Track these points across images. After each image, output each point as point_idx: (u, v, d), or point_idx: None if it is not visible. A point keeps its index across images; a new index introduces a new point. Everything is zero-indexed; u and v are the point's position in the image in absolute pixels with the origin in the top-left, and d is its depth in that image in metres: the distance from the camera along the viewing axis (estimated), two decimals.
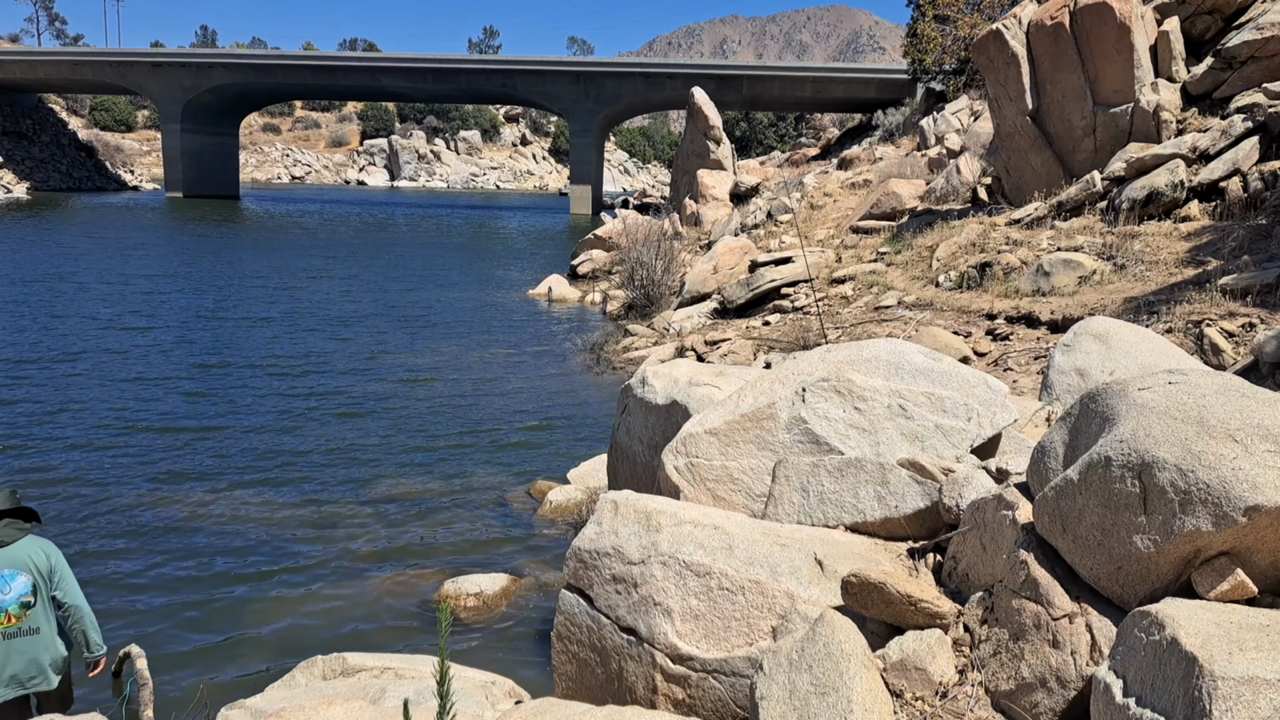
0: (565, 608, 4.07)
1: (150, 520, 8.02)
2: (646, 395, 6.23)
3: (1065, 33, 14.08)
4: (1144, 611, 2.38)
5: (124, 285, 21.59)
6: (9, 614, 4.25)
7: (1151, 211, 12.03)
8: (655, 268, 19.13)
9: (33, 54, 67.73)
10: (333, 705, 3.00)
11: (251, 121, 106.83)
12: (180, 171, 65.38)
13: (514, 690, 4.53)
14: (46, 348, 14.48)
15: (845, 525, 4.22)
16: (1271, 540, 2.47)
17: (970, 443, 4.53)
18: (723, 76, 60.49)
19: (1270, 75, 12.87)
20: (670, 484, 4.71)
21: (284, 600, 6.74)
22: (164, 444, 10.06)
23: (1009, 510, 3.26)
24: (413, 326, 17.99)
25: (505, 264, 30.95)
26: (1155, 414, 2.71)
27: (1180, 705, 2.11)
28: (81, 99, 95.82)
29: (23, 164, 66.15)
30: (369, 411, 11.68)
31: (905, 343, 5.01)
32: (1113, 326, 5.99)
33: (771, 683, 2.90)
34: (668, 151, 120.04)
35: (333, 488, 8.97)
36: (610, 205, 64.40)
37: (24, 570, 4.27)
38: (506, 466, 9.79)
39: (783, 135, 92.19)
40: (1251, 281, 9.01)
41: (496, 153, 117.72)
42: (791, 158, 46.42)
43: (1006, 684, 2.87)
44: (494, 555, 7.58)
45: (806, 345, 12.22)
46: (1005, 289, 11.97)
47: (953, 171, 19.39)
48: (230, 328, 16.93)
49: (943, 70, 34.10)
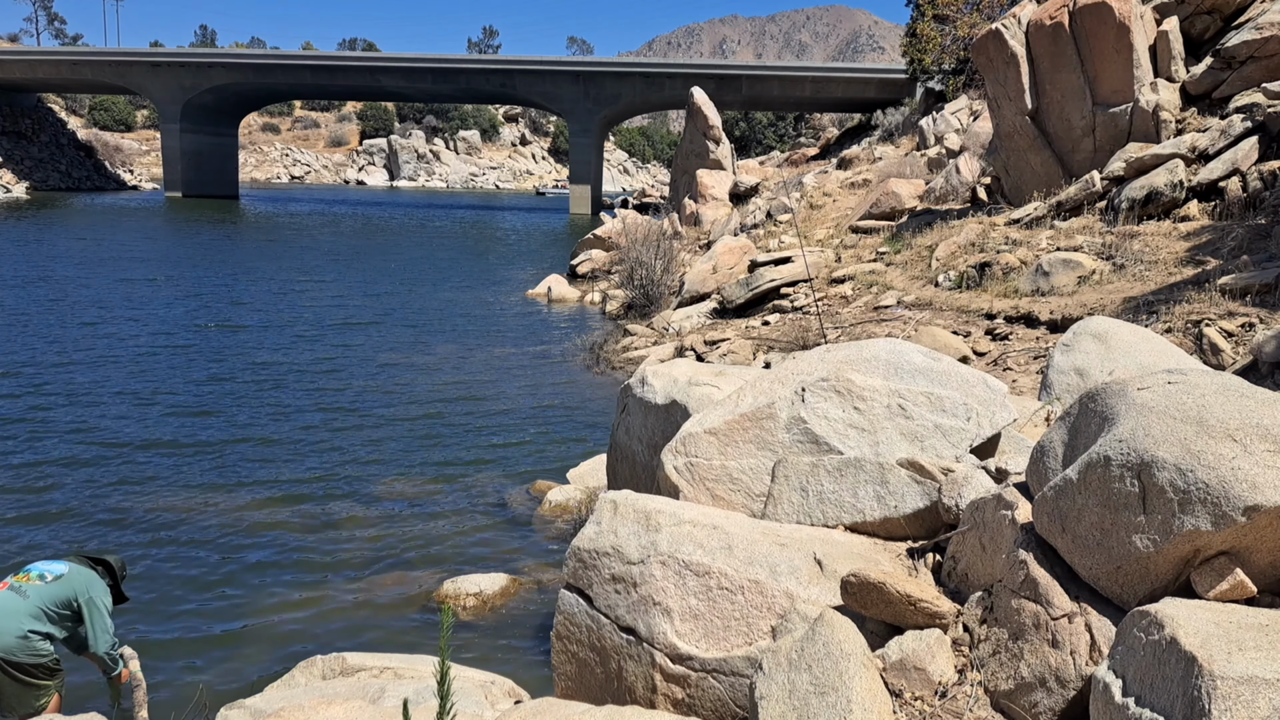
0: (565, 607, 4.07)
1: (148, 520, 8.02)
2: (646, 395, 6.23)
3: (1064, 32, 14.08)
4: (1143, 611, 2.38)
5: (123, 285, 21.58)
6: (27, 572, 4.63)
7: (1151, 211, 12.03)
8: (655, 267, 19.14)
9: (32, 54, 67.72)
10: (332, 705, 3.00)
11: (251, 121, 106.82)
12: (179, 171, 65.35)
13: (513, 690, 4.53)
14: (45, 348, 14.48)
15: (845, 525, 4.22)
16: (1271, 540, 2.47)
17: (970, 442, 4.53)
18: (722, 76, 60.49)
19: (1269, 75, 12.87)
20: (669, 484, 4.71)
21: (283, 600, 6.74)
22: (161, 444, 10.05)
23: (1008, 510, 3.26)
24: (412, 326, 17.98)
25: (504, 264, 30.95)
26: (1154, 414, 2.71)
27: (1179, 705, 2.11)
28: (81, 99, 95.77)
29: (22, 163, 66.12)
30: (367, 411, 11.68)
31: (904, 342, 5.01)
32: (1112, 326, 5.99)
33: (771, 682, 2.90)
34: (667, 151, 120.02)
35: (332, 487, 8.97)
36: (610, 205, 64.39)
37: (66, 579, 4.64)
38: (506, 466, 9.79)
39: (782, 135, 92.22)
40: (1251, 281, 9.02)
41: (496, 152, 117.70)
42: (791, 157, 46.42)
43: (1006, 684, 2.87)
44: (493, 555, 7.58)
45: (806, 345, 12.22)
46: (1004, 289, 11.98)
47: (952, 171, 19.40)
48: (228, 328, 16.92)
49: (942, 70, 34.11)
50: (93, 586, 4.69)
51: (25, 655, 4.41)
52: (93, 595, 4.65)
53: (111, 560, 5.00)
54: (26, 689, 4.47)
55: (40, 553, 7.09)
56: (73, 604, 4.61)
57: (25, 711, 4.51)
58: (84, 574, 4.72)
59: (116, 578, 4.96)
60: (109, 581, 4.89)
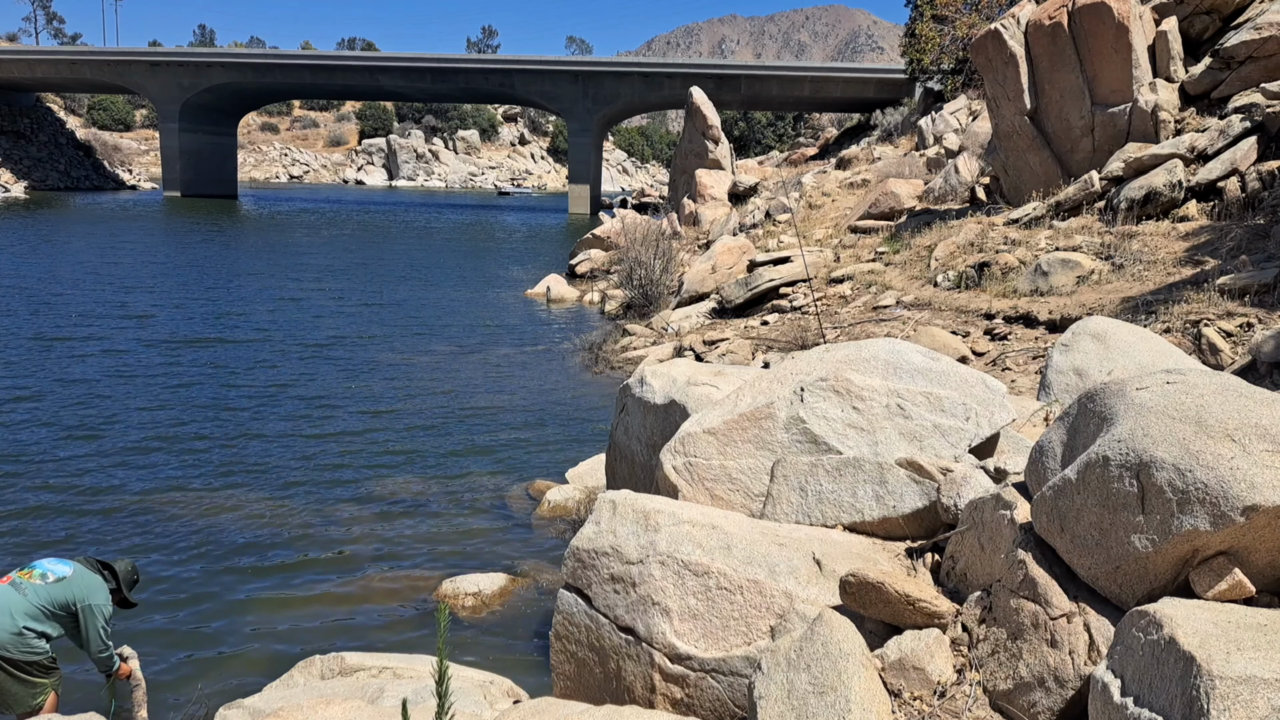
0: (564, 607, 4.07)
1: (147, 520, 8.01)
2: (645, 395, 6.23)
3: (1063, 32, 14.09)
4: (1142, 611, 2.38)
5: (122, 285, 21.57)
6: (31, 569, 4.66)
7: (1149, 211, 12.03)
8: (654, 267, 19.13)
9: (31, 53, 67.64)
10: (331, 705, 3.00)
11: (250, 121, 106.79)
12: (178, 171, 65.32)
13: (512, 690, 4.53)
14: (45, 347, 14.47)
15: (843, 525, 4.22)
16: (1269, 540, 2.47)
17: (968, 442, 4.53)
18: (721, 76, 60.49)
19: (1268, 75, 12.88)
20: (668, 483, 4.71)
21: (282, 600, 6.74)
22: (159, 444, 10.04)
23: (1007, 510, 3.26)
24: (411, 326, 17.98)
25: (503, 263, 30.94)
26: (1153, 414, 2.71)
27: (1178, 704, 2.11)
28: (79, 98, 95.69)
29: (20, 163, 66.10)
30: (366, 411, 11.67)
31: (903, 342, 5.01)
32: (1111, 326, 5.99)
33: (770, 682, 2.90)
34: (666, 151, 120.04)
35: (330, 487, 8.97)
36: (609, 205, 64.40)
37: (68, 582, 4.65)
38: (504, 466, 9.79)
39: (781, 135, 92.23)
40: (1249, 281, 9.02)
41: (495, 152, 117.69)
42: (790, 157, 46.44)
43: (1004, 683, 2.87)
44: (492, 555, 7.58)
45: (805, 345, 12.22)
46: (1003, 289, 11.98)
47: (951, 171, 19.40)
48: (226, 329, 16.91)
49: (941, 70, 34.10)
50: (93, 593, 4.70)
51: (19, 652, 4.41)
52: (91, 602, 4.66)
53: (119, 567, 5.00)
54: (23, 686, 4.47)
55: (38, 552, 7.08)
56: (71, 607, 4.62)
57: (22, 710, 4.51)
58: (87, 579, 4.73)
59: (121, 585, 4.96)
60: (113, 587, 4.90)
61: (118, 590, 4.94)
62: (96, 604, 4.68)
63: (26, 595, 4.52)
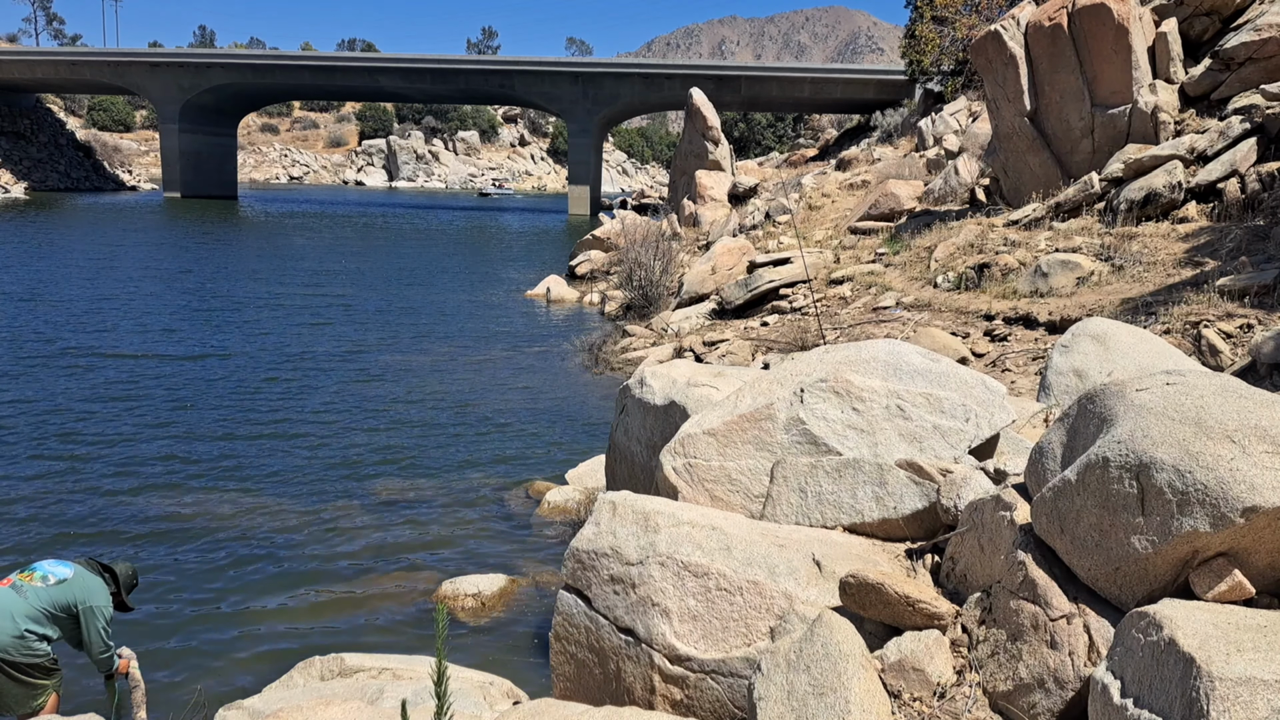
0: (563, 608, 4.07)
1: (146, 521, 8.01)
2: (645, 396, 6.23)
3: (1063, 34, 14.09)
4: (1142, 612, 2.38)
5: (122, 284, 21.57)
6: (31, 571, 4.65)
7: (1149, 213, 12.04)
8: (653, 268, 19.13)
9: (31, 54, 67.65)
10: (330, 706, 3.00)
11: (250, 122, 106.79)
12: (178, 172, 65.34)
13: (512, 691, 4.53)
14: (45, 348, 14.46)
15: (843, 526, 4.22)
16: (1269, 541, 2.47)
17: (968, 443, 4.53)
18: (721, 77, 60.50)
19: (1268, 76, 12.88)
20: (668, 484, 4.71)
21: (282, 601, 6.73)
22: (158, 445, 10.04)
23: (1007, 511, 3.26)
24: (410, 327, 17.98)
25: (503, 264, 30.94)
26: (1153, 415, 2.71)
27: (1178, 706, 2.11)
28: (79, 99, 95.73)
29: (20, 164, 66.10)
30: (366, 411, 11.67)
31: (903, 343, 5.01)
32: (1110, 327, 6.00)
33: (769, 683, 2.90)
34: (666, 152, 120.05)
35: (330, 488, 8.96)
36: (608, 206, 64.40)
37: (68, 584, 4.65)
38: (504, 467, 9.79)
39: (781, 136, 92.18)
40: (1249, 282, 9.02)
41: (495, 153, 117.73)
42: (790, 158, 46.43)
43: (1004, 684, 2.87)
44: (492, 556, 7.58)
45: (805, 346, 12.22)
46: (1003, 290, 11.98)
47: (951, 172, 19.41)
48: (225, 329, 16.92)
49: (941, 71, 34.13)
50: (93, 595, 4.70)
51: (21, 654, 4.41)
52: (92, 604, 4.66)
53: (119, 570, 5.01)
54: (24, 688, 4.47)
55: (38, 554, 7.08)
56: (72, 609, 4.62)
57: (23, 711, 4.51)
58: (87, 581, 4.73)
59: (120, 587, 4.96)
60: (113, 590, 4.90)
61: (116, 593, 4.94)
62: (97, 606, 4.68)
63: (27, 598, 4.52)
